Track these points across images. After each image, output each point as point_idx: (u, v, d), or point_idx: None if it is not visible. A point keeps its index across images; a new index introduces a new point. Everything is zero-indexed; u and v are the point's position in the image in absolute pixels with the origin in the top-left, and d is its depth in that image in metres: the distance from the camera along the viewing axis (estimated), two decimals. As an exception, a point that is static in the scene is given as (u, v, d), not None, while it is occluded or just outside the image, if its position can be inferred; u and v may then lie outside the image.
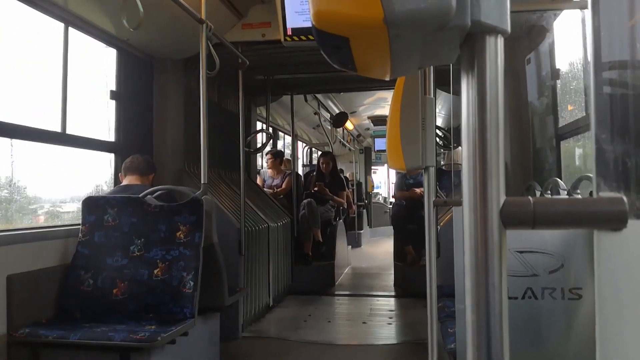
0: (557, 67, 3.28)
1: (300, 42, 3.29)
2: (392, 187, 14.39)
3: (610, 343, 0.57)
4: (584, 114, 2.90)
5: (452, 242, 1.96)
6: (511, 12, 0.51)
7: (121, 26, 2.91)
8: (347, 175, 10.36)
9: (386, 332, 4.03)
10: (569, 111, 3.24)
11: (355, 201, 9.56)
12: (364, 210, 10.78)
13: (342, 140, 10.40)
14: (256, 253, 4.16)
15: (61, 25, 2.97)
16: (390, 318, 4.42)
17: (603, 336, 0.57)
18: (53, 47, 2.98)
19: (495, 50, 0.51)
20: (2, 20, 2.79)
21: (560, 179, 2.55)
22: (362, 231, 9.98)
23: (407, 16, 0.46)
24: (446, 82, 2.23)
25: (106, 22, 3.20)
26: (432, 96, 1.94)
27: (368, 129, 11.12)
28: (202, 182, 3.02)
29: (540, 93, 3.53)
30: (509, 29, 0.51)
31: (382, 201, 13.61)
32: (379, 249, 9.19)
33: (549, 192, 2.52)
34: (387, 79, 0.62)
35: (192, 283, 2.63)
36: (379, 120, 9.62)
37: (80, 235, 2.76)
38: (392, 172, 14.15)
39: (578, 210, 0.53)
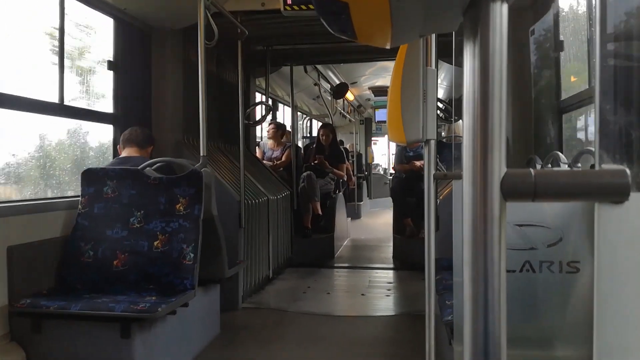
0: (562, 38, 3.23)
1: (300, 12, 3.24)
2: (393, 158, 14.41)
3: (608, 313, 0.57)
4: (587, 87, 2.86)
5: (451, 216, 1.96)
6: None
7: (118, -6, 2.86)
8: (347, 147, 10.33)
9: (384, 304, 4.07)
10: (572, 83, 3.20)
11: (355, 173, 9.56)
12: (364, 182, 10.79)
13: (342, 111, 10.33)
14: (256, 226, 4.18)
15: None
16: (388, 290, 4.47)
17: (602, 306, 0.56)
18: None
19: (500, 17, 0.49)
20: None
21: (562, 153, 2.54)
22: (361, 202, 10.01)
23: (409, -20, 0.44)
24: (449, 53, 2.19)
25: (102, -9, 3.14)
26: (434, 67, 1.91)
27: (369, 99, 11.04)
28: (201, 154, 3.01)
29: (544, 65, 3.49)
30: (514, -5, 0.49)
31: (382, 172, 13.62)
32: (378, 220, 9.22)
33: (549, 165, 2.51)
34: (388, 47, 0.60)
35: (192, 255, 2.64)
36: (380, 91, 9.53)
37: (79, 207, 2.77)
38: (393, 144, 14.13)
39: (580, 182, 0.52)
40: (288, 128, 6.75)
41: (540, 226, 1.61)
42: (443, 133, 5.39)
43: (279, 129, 6.01)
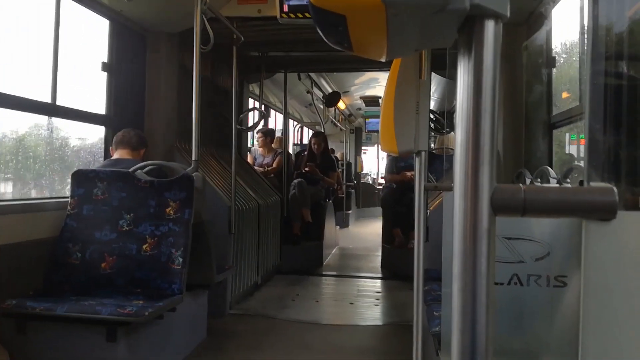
0: (554, 55, 3.27)
1: (296, 20, 3.25)
2: (382, 168, 14.45)
3: (593, 329, 0.58)
4: (578, 104, 2.90)
5: (441, 227, 1.97)
6: (510, -3, 0.51)
7: (115, -3, 2.86)
8: (337, 155, 10.34)
9: (372, 313, 4.07)
10: (563, 100, 3.24)
11: (344, 181, 9.57)
12: (353, 191, 10.80)
13: (333, 119, 10.36)
14: (245, 231, 4.17)
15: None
16: (377, 299, 4.47)
17: (587, 323, 0.57)
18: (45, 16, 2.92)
19: (494, 34, 0.50)
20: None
21: (551, 168, 2.56)
22: (350, 211, 10.02)
23: (406, -4, 0.45)
24: (442, 65, 2.21)
25: (99, -8, 3.14)
26: (427, 80, 1.93)
27: (360, 109, 11.08)
28: (193, 158, 3.00)
29: (535, 80, 3.53)
30: (508, 13, 0.50)
31: (370, 182, 13.65)
32: (366, 229, 9.24)
33: (539, 180, 2.53)
34: (383, 60, 0.61)
35: (180, 259, 2.63)
36: (371, 101, 9.58)
37: (69, 208, 2.75)
38: (382, 154, 14.20)
39: (568, 200, 0.53)
40: (278, 134, 6.74)
41: (528, 240, 1.62)
42: (432, 145, 5.41)
43: (267, 136, 6.02)
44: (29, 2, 3.03)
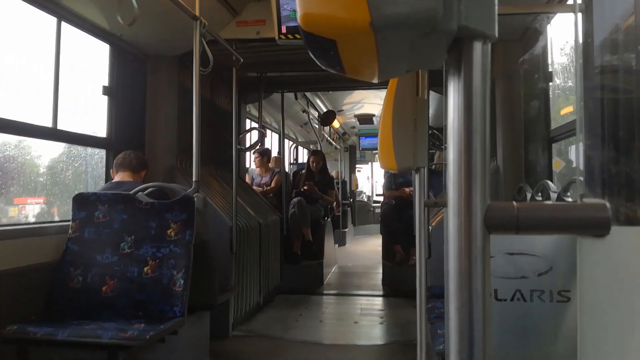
0: (550, 69, 3.30)
1: (295, 40, 3.28)
2: (376, 185, 14.41)
3: (591, 346, 0.57)
4: (576, 118, 2.91)
5: (443, 243, 1.97)
6: (505, 15, 0.51)
7: (115, 22, 2.89)
8: (333, 174, 10.35)
9: (377, 333, 4.03)
10: (562, 113, 3.26)
11: (340, 200, 9.57)
12: (349, 209, 10.79)
13: (329, 138, 10.39)
14: (247, 251, 4.15)
15: (54, 19, 2.95)
16: (381, 318, 4.43)
17: (585, 340, 0.57)
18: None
19: (482, 55, 0.51)
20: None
21: (552, 182, 2.56)
22: (346, 230, 10.02)
23: (394, 20, 0.46)
24: (439, 82, 2.23)
25: (100, 18, 3.18)
26: (425, 97, 1.94)
27: (354, 127, 11.13)
28: (194, 179, 3.01)
29: (533, 95, 3.55)
30: (496, 34, 0.51)
31: (365, 200, 13.66)
32: (363, 247, 9.23)
33: (539, 194, 2.53)
34: (376, 81, 0.62)
35: (182, 281, 2.62)
36: (365, 119, 9.63)
37: (70, 231, 2.75)
38: (377, 171, 14.25)
39: (561, 216, 0.54)
40: (275, 154, 6.76)
41: (530, 255, 1.61)
42: (432, 160, 5.41)
43: (263, 156, 6.04)
44: (30, 28, 3.06)
